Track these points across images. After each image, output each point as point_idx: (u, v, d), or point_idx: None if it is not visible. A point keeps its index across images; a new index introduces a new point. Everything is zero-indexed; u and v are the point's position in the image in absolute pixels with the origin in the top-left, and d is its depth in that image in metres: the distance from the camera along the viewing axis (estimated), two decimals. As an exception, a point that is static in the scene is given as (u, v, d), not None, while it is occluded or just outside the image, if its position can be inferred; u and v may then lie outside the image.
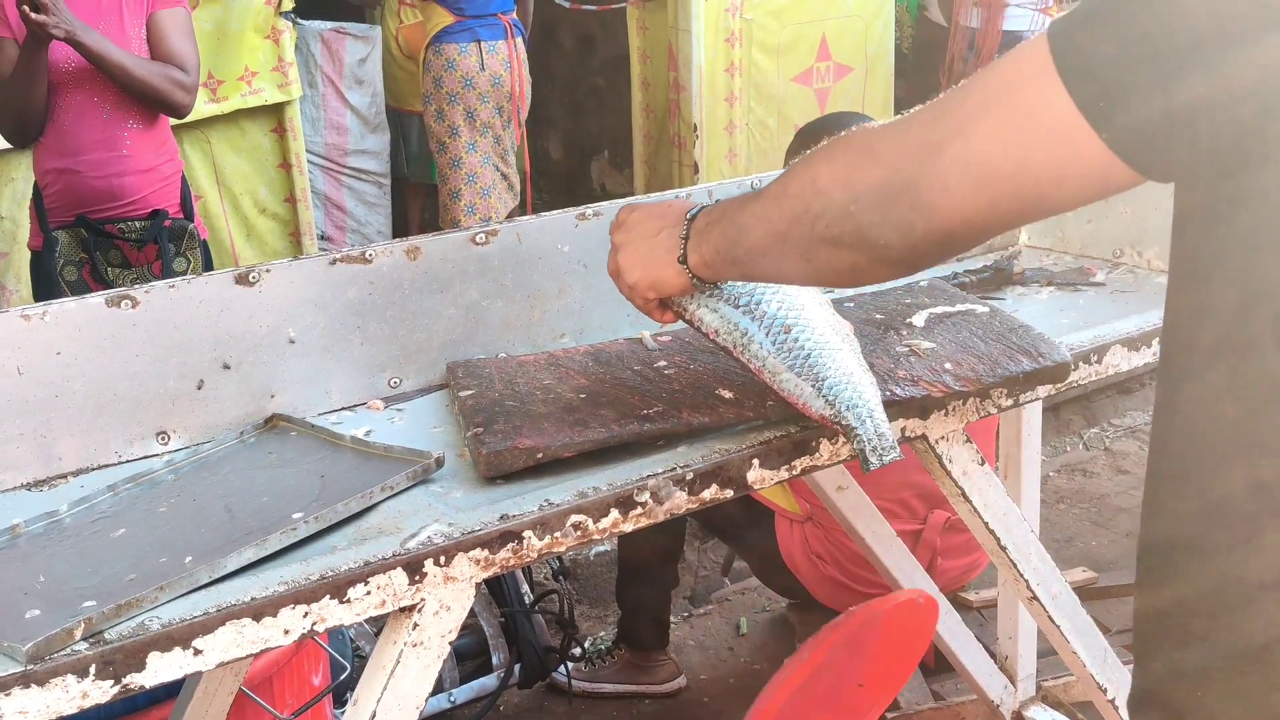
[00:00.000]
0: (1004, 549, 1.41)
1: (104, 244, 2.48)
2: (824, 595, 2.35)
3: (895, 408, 1.25)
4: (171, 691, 1.53)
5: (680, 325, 1.43)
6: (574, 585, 2.96)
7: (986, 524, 1.39)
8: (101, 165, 2.46)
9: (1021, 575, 1.43)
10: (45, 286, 2.50)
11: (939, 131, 0.82)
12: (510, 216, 4.43)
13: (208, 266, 2.66)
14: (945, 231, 0.84)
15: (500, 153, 4.09)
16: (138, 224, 2.51)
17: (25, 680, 0.89)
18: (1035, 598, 1.46)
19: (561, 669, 2.54)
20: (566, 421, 1.19)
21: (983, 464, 1.37)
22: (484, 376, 1.32)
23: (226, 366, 1.31)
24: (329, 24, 4.21)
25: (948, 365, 1.28)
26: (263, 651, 1.00)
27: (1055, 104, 0.74)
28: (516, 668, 2.50)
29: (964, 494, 1.37)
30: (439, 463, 1.19)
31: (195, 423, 1.31)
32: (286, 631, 0.99)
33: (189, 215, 2.63)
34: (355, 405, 1.39)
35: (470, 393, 1.28)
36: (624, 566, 2.54)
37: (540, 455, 1.15)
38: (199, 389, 1.30)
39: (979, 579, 2.46)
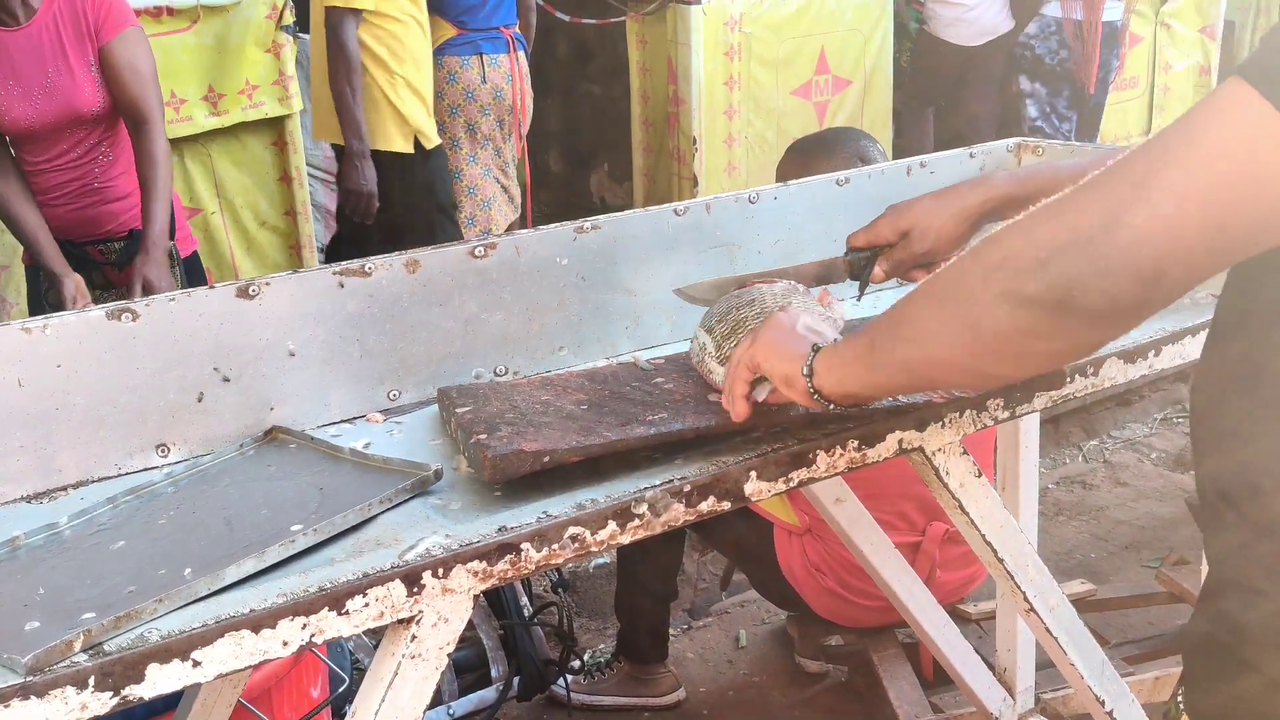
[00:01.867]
0: (1001, 561, 1.41)
1: (87, 267, 2.45)
2: (823, 608, 2.35)
3: (895, 417, 1.26)
4: (170, 704, 1.53)
5: (675, 350, 1.43)
6: (573, 598, 2.96)
7: (983, 536, 1.39)
8: (75, 200, 2.43)
9: (1019, 587, 1.43)
10: (38, 306, 2.49)
11: (1142, 167, 0.74)
12: (510, 229, 4.45)
13: (193, 282, 2.62)
14: (1156, 269, 0.73)
15: (501, 165, 4.10)
16: (117, 245, 2.49)
17: (24, 692, 0.89)
18: (1032, 609, 1.46)
19: (561, 681, 2.54)
20: (571, 428, 1.19)
21: (979, 476, 1.37)
22: (479, 396, 1.31)
23: (226, 379, 1.32)
24: (330, 38, 4.22)
25: None
26: (261, 663, 1.00)
27: (1263, 113, 0.70)
28: (516, 680, 2.49)
29: (961, 506, 1.37)
30: (437, 475, 1.19)
31: (195, 435, 1.31)
32: (285, 643, 0.99)
33: (170, 233, 2.56)
34: (354, 418, 1.40)
35: (467, 408, 1.27)
36: (623, 579, 2.54)
37: (547, 459, 1.14)
38: (199, 402, 1.31)
39: (978, 591, 2.46)
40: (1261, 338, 0.80)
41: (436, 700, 2.39)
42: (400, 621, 1.05)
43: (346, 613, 1.01)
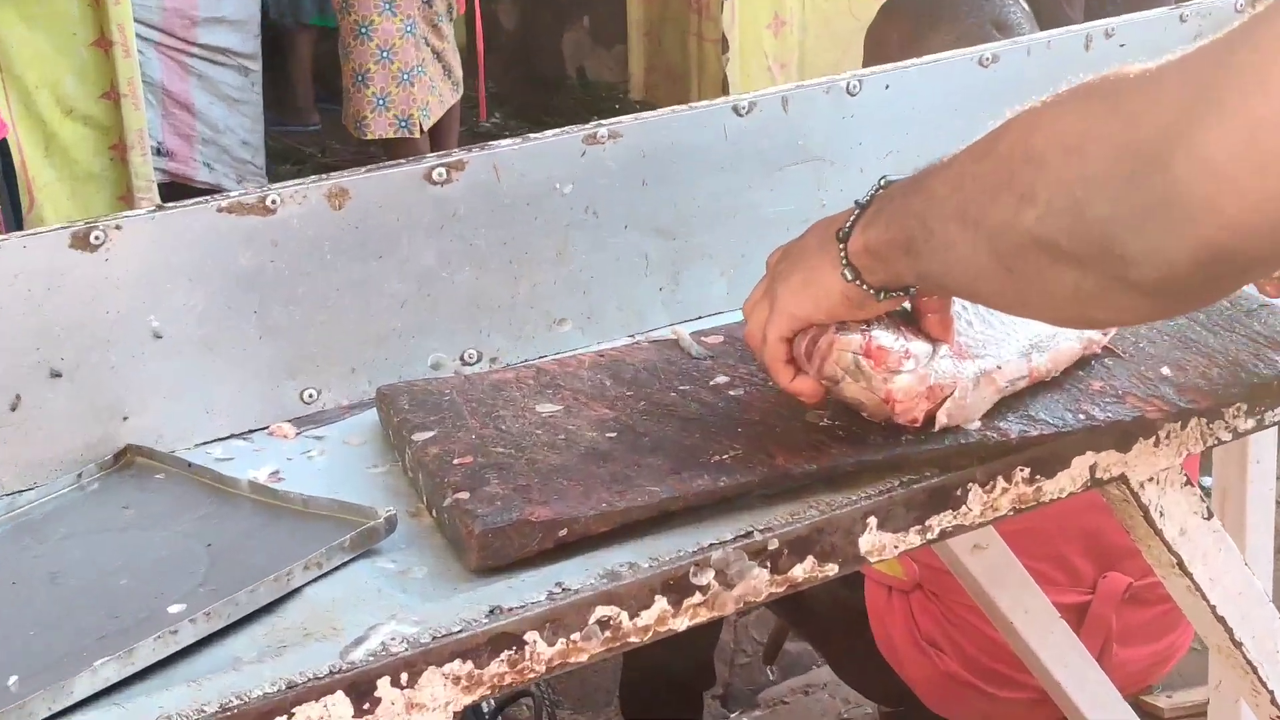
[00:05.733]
0: (1238, 645, 1.42)
1: None
2: (938, 699, 2.37)
3: (1084, 434, 1.26)
4: None
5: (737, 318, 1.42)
6: (553, 682, 2.96)
7: (1213, 608, 1.40)
8: None
9: (1266, 686, 1.44)
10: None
11: (1221, 80, 0.81)
12: (449, 120, 4.43)
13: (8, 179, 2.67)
14: (1216, 243, 0.82)
15: (431, 18, 4.09)
16: None
17: None
18: (1282, 716, 1.47)
19: (540, 810, 2.54)
20: (599, 478, 1.18)
21: (1209, 518, 1.38)
22: (444, 408, 1.30)
23: (56, 374, 1.31)
24: None
25: (1165, 371, 1.29)
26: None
27: None
28: (473, 809, 2.50)
29: (1180, 564, 1.38)
30: (389, 524, 1.18)
31: (8, 459, 1.30)
32: (170, 795, 0.98)
33: None
34: (252, 431, 1.39)
35: (430, 435, 1.26)
36: (633, 657, 2.55)
37: (564, 533, 1.13)
38: (13, 410, 1.30)
39: (1173, 674, 2.47)
40: None
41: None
42: (343, 757, 1.04)
43: (262, 745, 1.00)
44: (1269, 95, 0.78)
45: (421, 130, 4.40)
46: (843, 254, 1.14)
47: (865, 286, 1.14)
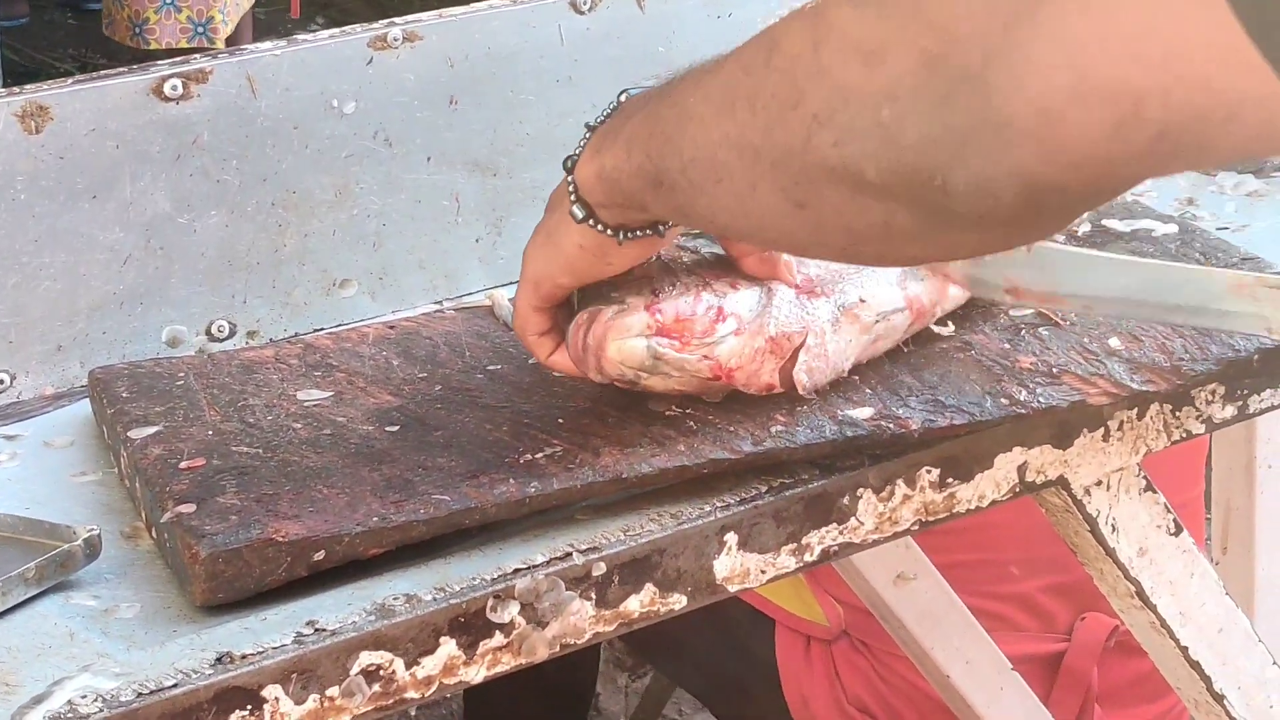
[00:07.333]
0: (1219, 699, 1.44)
1: None
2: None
3: (1010, 426, 1.27)
4: None
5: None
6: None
7: (1185, 650, 1.41)
8: None
9: (1254, 750, 1.46)
10: None
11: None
12: (241, 26, 4.42)
13: None
14: (1039, 175, 0.85)
15: None
16: None
17: None
18: (1280, 791, 1.49)
19: None
20: (371, 484, 1.18)
21: (1177, 533, 1.39)
22: (175, 396, 1.30)
23: None
24: None
25: (1114, 342, 1.30)
26: None
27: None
28: None
29: (1140, 593, 1.39)
30: (90, 548, 1.18)
31: None
32: None
33: None
34: (-87, 428, 1.39)
35: (152, 431, 1.25)
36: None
37: (321, 555, 1.13)
38: None
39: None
40: None
41: None
42: None
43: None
44: (1088, 11, 0.80)
45: (220, 38, 4.38)
46: (571, 187, 1.16)
47: (601, 227, 1.16)
